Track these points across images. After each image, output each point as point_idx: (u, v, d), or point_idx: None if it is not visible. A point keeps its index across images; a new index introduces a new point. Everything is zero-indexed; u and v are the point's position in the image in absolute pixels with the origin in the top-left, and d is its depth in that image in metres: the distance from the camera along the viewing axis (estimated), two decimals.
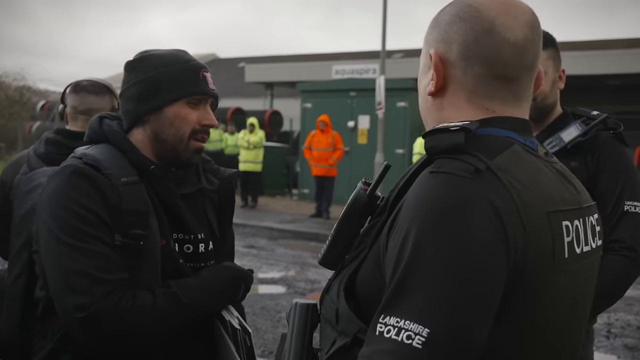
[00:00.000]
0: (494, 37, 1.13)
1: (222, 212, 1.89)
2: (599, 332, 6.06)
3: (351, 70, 20.19)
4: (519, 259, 1.01)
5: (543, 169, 1.13)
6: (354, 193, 1.24)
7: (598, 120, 2.26)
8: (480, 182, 1.01)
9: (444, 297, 0.95)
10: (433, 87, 1.18)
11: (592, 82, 18.93)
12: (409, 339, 0.93)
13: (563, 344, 1.14)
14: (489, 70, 1.14)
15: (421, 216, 0.99)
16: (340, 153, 13.34)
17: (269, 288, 7.57)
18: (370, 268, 1.12)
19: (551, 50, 2.29)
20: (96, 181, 1.59)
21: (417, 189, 1.04)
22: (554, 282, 1.07)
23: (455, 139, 1.06)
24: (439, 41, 1.18)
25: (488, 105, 1.16)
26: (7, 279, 1.84)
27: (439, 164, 1.05)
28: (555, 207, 1.08)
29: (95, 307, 1.51)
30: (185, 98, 1.72)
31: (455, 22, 1.16)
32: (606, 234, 2.19)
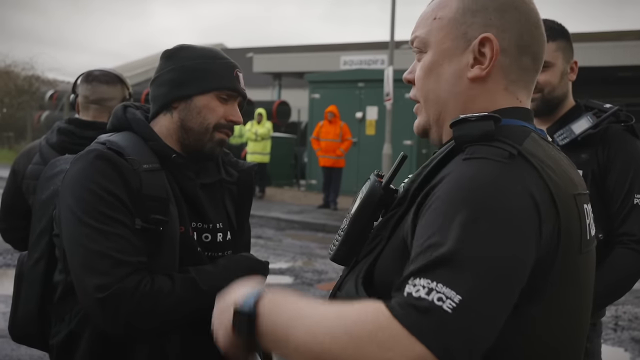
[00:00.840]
0: (539, 31, 1.18)
1: (240, 204, 1.92)
2: (606, 325, 6.05)
3: (359, 61, 20.13)
4: (550, 241, 1.04)
5: (558, 154, 1.18)
6: (369, 186, 1.22)
7: (609, 113, 2.24)
8: (515, 166, 1.04)
9: (481, 271, 0.95)
10: (484, 72, 1.16)
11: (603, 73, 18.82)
12: (440, 300, 0.93)
13: (582, 323, 1.17)
14: (534, 64, 1.18)
15: (461, 199, 1.00)
16: (348, 144, 13.33)
17: (276, 278, 7.59)
18: (390, 256, 1.12)
19: (561, 41, 2.26)
20: (119, 166, 1.62)
21: (456, 174, 1.05)
22: (579, 262, 1.11)
23: (486, 127, 1.08)
24: (490, 25, 1.16)
25: (519, 95, 1.19)
26: (27, 263, 1.86)
27: (472, 150, 1.06)
28: (577, 190, 1.13)
29: (115, 288, 1.53)
30: (216, 91, 1.76)
31: (508, 10, 1.16)
32: (615, 227, 2.19)
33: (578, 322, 1.15)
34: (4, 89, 24.76)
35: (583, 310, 1.17)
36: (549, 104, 2.29)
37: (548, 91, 2.26)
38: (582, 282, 1.13)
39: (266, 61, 24.55)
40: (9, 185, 2.46)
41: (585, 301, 1.17)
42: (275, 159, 15.25)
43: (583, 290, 1.15)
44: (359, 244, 1.20)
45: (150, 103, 1.83)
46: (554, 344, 1.10)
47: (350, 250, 1.21)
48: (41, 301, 1.80)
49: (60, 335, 1.71)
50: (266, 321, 1.06)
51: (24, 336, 1.91)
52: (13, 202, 2.43)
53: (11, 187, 2.45)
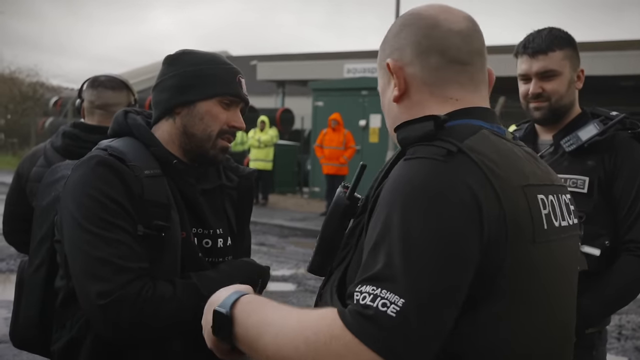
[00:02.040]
0: (440, 29, 1.21)
1: (240, 209, 1.92)
2: (609, 334, 6.03)
3: (363, 69, 20.15)
4: (495, 234, 1.04)
5: (512, 149, 1.19)
6: (335, 198, 1.28)
7: (616, 120, 2.24)
8: (452, 164, 1.06)
9: (420, 271, 0.99)
10: (397, 91, 1.23)
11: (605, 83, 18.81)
12: (384, 306, 0.97)
13: (556, 317, 1.17)
14: (444, 57, 1.21)
15: (398, 198, 1.04)
16: (351, 152, 13.33)
17: (279, 285, 7.58)
18: (357, 264, 1.13)
19: (568, 50, 2.27)
20: (120, 172, 1.61)
21: (393, 175, 1.09)
22: (535, 253, 1.10)
23: (426, 127, 1.12)
24: (392, 52, 1.25)
25: (450, 94, 1.21)
26: (28, 269, 1.86)
27: (412, 150, 1.11)
28: (528, 181, 1.14)
29: (117, 295, 1.53)
30: (218, 97, 1.76)
31: (402, 30, 1.24)
32: (622, 234, 2.19)
33: (551, 318, 1.15)
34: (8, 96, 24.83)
35: (553, 305, 1.16)
36: (556, 112, 2.29)
37: (555, 100, 2.26)
38: (546, 273, 1.13)
39: (270, 69, 24.58)
40: (12, 187, 2.47)
41: (558, 292, 1.17)
42: (278, 166, 15.26)
43: (550, 282, 1.14)
44: (331, 253, 1.24)
45: (153, 109, 1.83)
46: (527, 339, 1.11)
47: (323, 260, 1.26)
48: (42, 307, 1.79)
49: (62, 341, 1.70)
50: (240, 324, 1.12)
51: (25, 342, 1.90)
52: (16, 204, 2.43)
53: (15, 189, 2.45)
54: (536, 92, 2.26)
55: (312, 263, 1.28)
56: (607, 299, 2.17)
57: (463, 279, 1.02)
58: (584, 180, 2.21)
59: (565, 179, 2.21)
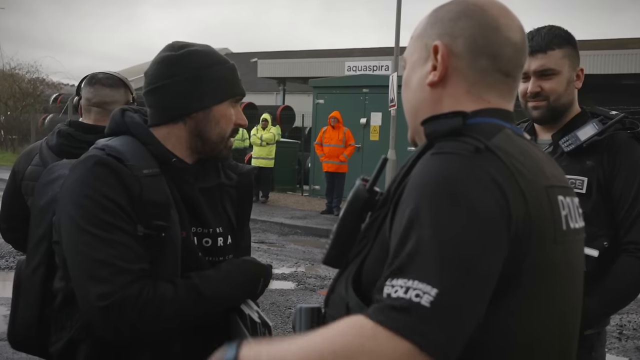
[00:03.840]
0: (499, 35, 1.21)
1: (240, 207, 1.90)
2: (610, 334, 6.02)
3: (364, 67, 20.13)
4: (521, 231, 1.06)
5: (533, 149, 1.21)
6: (354, 190, 1.26)
7: (615, 120, 2.22)
8: (480, 160, 1.07)
9: (452, 262, 0.99)
10: (436, 77, 1.22)
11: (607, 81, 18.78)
12: (417, 297, 0.97)
13: (568, 317, 1.19)
14: (493, 64, 1.21)
15: (427, 192, 1.04)
16: (351, 149, 13.33)
17: (279, 284, 7.58)
18: (375, 257, 1.14)
19: (567, 49, 2.24)
20: (119, 172, 1.60)
21: (421, 169, 1.09)
22: (556, 253, 1.13)
23: (454, 123, 1.13)
24: (443, 34, 1.23)
25: (486, 97, 1.22)
26: (25, 270, 1.84)
27: (440, 145, 1.11)
28: (550, 182, 1.16)
29: (117, 297, 1.51)
30: (231, 99, 1.76)
31: (461, 18, 1.22)
32: (621, 235, 2.18)
33: (562, 317, 1.17)
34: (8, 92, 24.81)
35: (566, 304, 1.18)
36: (555, 111, 2.27)
37: (554, 99, 2.24)
38: (562, 273, 1.15)
39: (271, 66, 24.58)
40: (9, 185, 2.46)
41: (567, 294, 1.19)
42: (278, 164, 15.25)
43: (564, 282, 1.17)
44: (348, 246, 1.23)
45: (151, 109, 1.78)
46: (538, 339, 1.12)
47: (340, 252, 1.25)
48: (40, 309, 1.78)
49: (61, 342, 1.68)
50: None
51: (23, 343, 1.89)
52: (13, 202, 2.43)
53: (11, 187, 2.44)
54: (534, 90, 2.24)
55: (328, 255, 1.26)
56: (606, 301, 2.16)
57: (493, 270, 1.03)
58: (583, 181, 2.20)
59: None
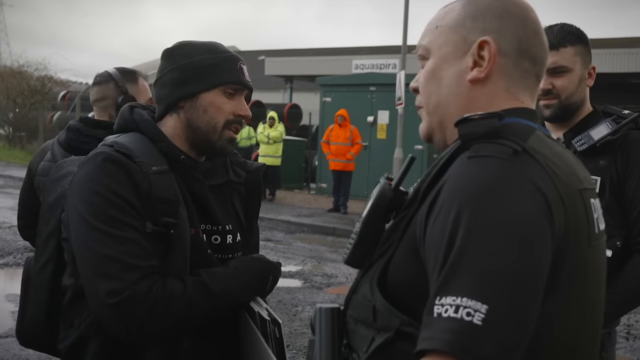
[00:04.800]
0: (539, 38, 1.21)
1: (249, 205, 1.89)
2: (618, 333, 5.98)
3: (371, 65, 20.12)
4: (562, 236, 1.04)
5: (563, 151, 1.19)
6: (379, 189, 1.23)
7: (629, 119, 2.21)
8: (520, 163, 1.05)
9: (499, 274, 0.96)
10: (482, 74, 1.18)
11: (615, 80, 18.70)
12: (469, 315, 0.94)
13: (596, 319, 1.18)
14: (533, 67, 1.21)
15: (468, 200, 1.01)
16: (358, 148, 13.31)
17: (285, 282, 7.57)
18: (402, 257, 1.12)
19: (579, 46, 2.23)
20: (128, 169, 1.59)
21: (458, 173, 1.06)
22: (590, 256, 1.12)
23: (490, 124, 1.09)
24: (489, 30, 1.19)
25: (521, 97, 1.21)
26: (34, 266, 1.84)
27: (477, 148, 1.07)
28: (583, 185, 1.14)
29: (127, 293, 1.51)
30: (221, 86, 1.73)
31: (507, 16, 1.20)
32: (633, 234, 2.16)
33: (592, 318, 1.16)
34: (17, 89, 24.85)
35: (596, 305, 1.17)
36: (567, 109, 2.25)
37: (565, 97, 2.23)
38: (594, 276, 1.14)
39: (278, 64, 24.58)
40: (25, 182, 2.51)
41: (597, 296, 1.18)
42: (285, 162, 15.25)
43: (595, 284, 1.15)
44: (372, 246, 1.20)
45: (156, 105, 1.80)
46: (571, 340, 1.11)
47: (364, 252, 1.22)
48: (49, 305, 1.78)
49: (69, 339, 1.68)
50: None
51: (32, 340, 1.89)
52: (28, 199, 2.47)
53: (26, 184, 2.49)
54: (546, 87, 2.23)
55: (352, 255, 1.22)
56: (618, 301, 2.14)
57: (541, 278, 1.01)
58: (596, 180, 2.18)
59: None
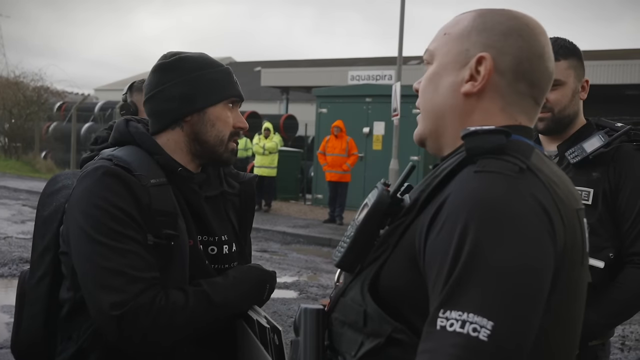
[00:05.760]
0: (542, 63, 1.20)
1: (243, 215, 1.92)
2: (613, 345, 6.00)
3: (367, 76, 20.17)
4: (561, 255, 1.06)
5: (560, 170, 1.21)
6: (378, 195, 1.22)
7: (621, 132, 2.23)
8: (525, 181, 1.06)
9: (506, 291, 0.97)
10: (475, 89, 1.19)
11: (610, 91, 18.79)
12: (475, 331, 0.95)
13: (578, 334, 1.19)
14: (530, 90, 1.21)
15: (475, 215, 1.01)
16: (354, 159, 13.33)
17: (281, 293, 7.56)
18: (397, 263, 1.12)
19: (572, 60, 2.25)
20: (128, 182, 1.61)
21: (465, 188, 1.06)
22: (581, 275, 1.13)
23: (498, 140, 1.10)
24: (490, 46, 1.20)
25: (517, 117, 1.21)
26: (29, 280, 1.83)
27: (483, 163, 1.08)
28: (578, 205, 1.16)
29: (131, 305, 1.53)
30: (226, 100, 1.77)
31: (512, 36, 1.19)
32: (626, 246, 2.18)
33: (574, 332, 1.18)
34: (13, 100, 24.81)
35: (578, 320, 1.20)
36: (560, 122, 2.27)
37: (559, 110, 2.25)
38: (581, 292, 1.17)
39: (274, 75, 24.63)
40: None
41: (580, 312, 1.20)
42: (281, 172, 15.25)
43: (580, 300, 1.18)
44: (365, 251, 1.21)
45: (149, 118, 1.80)
46: (553, 354, 1.12)
47: (357, 256, 1.21)
48: (46, 319, 1.77)
49: (68, 352, 1.69)
50: None
51: (27, 354, 1.87)
52: None
53: None
54: None
55: (344, 259, 1.21)
56: (611, 312, 2.16)
57: (544, 297, 1.02)
58: (589, 192, 2.20)
59: None
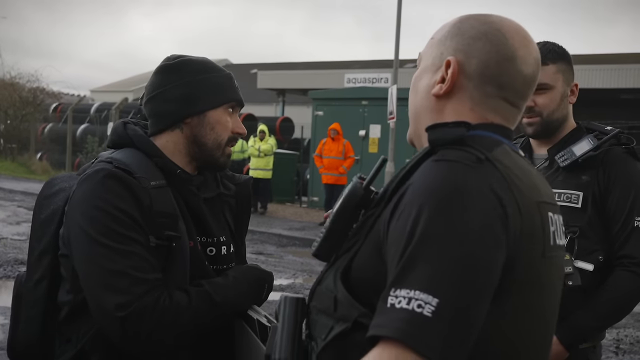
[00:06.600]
0: (513, 66, 1.22)
1: (239, 216, 1.94)
2: (607, 348, 6.01)
3: (363, 79, 20.20)
4: (516, 242, 1.09)
5: (527, 165, 1.24)
6: (350, 186, 1.29)
7: (610, 135, 2.25)
8: (482, 170, 1.10)
9: (452, 271, 1.02)
10: (442, 90, 1.24)
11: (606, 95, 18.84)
12: (420, 307, 1.00)
13: (548, 326, 1.22)
14: (499, 92, 1.23)
15: (430, 200, 1.06)
16: (350, 161, 13.35)
17: (276, 295, 7.53)
18: (366, 254, 1.17)
19: (561, 64, 2.27)
20: (129, 184, 1.62)
21: (423, 175, 1.11)
22: (542, 266, 1.16)
23: (457, 132, 1.15)
24: (459, 50, 1.24)
25: (488, 117, 1.24)
26: (27, 283, 1.82)
27: (443, 153, 1.13)
28: (542, 198, 1.19)
29: (136, 306, 1.54)
30: (226, 104, 1.79)
31: (481, 39, 1.23)
32: (616, 249, 2.19)
33: (544, 327, 1.21)
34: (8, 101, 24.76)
35: (548, 316, 1.22)
36: (549, 126, 2.29)
37: (547, 114, 2.27)
38: (546, 285, 1.18)
39: (270, 77, 24.64)
40: None
41: (550, 307, 1.22)
42: (277, 175, 15.26)
43: (547, 293, 1.19)
44: (340, 241, 1.26)
45: (150, 118, 1.81)
46: (519, 345, 1.15)
47: (332, 246, 1.27)
48: (44, 322, 1.77)
49: (67, 355, 1.69)
50: None
51: (25, 356, 1.86)
52: None
53: None
54: (528, 105, 2.25)
55: (320, 248, 1.28)
56: (601, 314, 2.17)
57: (492, 278, 1.05)
58: (578, 195, 2.22)
59: (560, 194, 2.22)
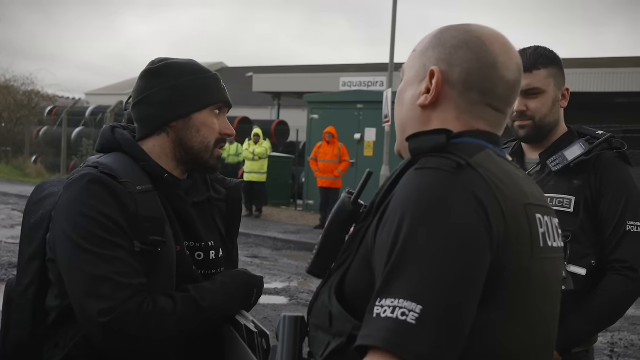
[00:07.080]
0: (495, 72, 1.24)
1: (230, 221, 1.93)
2: (601, 352, 6.02)
3: (359, 83, 20.21)
4: (501, 245, 1.09)
5: (513, 169, 1.24)
6: (339, 202, 1.31)
7: (602, 140, 2.25)
8: (462, 176, 1.11)
9: (435, 277, 1.03)
10: (427, 101, 1.25)
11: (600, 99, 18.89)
12: (404, 315, 1.01)
13: (546, 329, 1.22)
14: (484, 99, 1.25)
15: (411, 208, 1.07)
16: (345, 165, 13.36)
17: (271, 299, 7.56)
18: (358, 267, 1.18)
19: (552, 68, 2.28)
20: (114, 189, 1.62)
21: (405, 184, 1.12)
22: (532, 268, 1.16)
23: (437, 140, 1.16)
24: (442, 60, 1.25)
25: (474, 124, 1.25)
26: (16, 288, 1.82)
27: (423, 161, 1.14)
28: (529, 200, 1.19)
29: (119, 312, 1.54)
30: (212, 106, 1.78)
31: (462, 48, 1.24)
32: (608, 253, 2.20)
33: (544, 329, 1.21)
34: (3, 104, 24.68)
35: (548, 319, 1.22)
36: (541, 130, 2.30)
37: (539, 118, 2.27)
38: (540, 287, 1.18)
39: (266, 81, 24.64)
40: None
41: (548, 309, 1.22)
42: (272, 178, 15.25)
43: (541, 296, 1.19)
44: (332, 256, 1.27)
45: (137, 123, 1.80)
46: (517, 349, 1.15)
47: (325, 262, 1.29)
48: (33, 327, 1.77)
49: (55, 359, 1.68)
50: None
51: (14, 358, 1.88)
52: None
53: None
54: (520, 109, 2.27)
55: (313, 265, 1.30)
56: (593, 318, 2.18)
57: (476, 284, 1.06)
58: (570, 200, 2.23)
59: (552, 198, 2.23)
